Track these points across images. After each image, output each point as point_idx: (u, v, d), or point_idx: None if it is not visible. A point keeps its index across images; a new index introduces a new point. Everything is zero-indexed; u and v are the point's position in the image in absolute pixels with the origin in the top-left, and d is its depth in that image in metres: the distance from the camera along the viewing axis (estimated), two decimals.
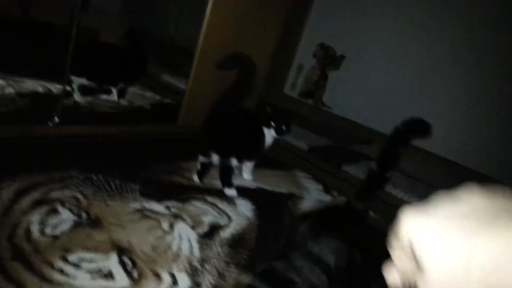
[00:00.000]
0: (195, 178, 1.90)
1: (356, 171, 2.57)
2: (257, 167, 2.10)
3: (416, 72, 3.24)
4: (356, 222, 1.33)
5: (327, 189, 2.23)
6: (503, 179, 2.80)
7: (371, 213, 2.00)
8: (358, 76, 3.53)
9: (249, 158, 2.01)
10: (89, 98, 2.64)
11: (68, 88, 2.43)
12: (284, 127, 1.89)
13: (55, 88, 2.59)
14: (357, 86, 3.54)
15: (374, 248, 1.38)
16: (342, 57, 3.62)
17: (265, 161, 2.14)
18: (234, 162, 1.86)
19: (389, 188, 2.42)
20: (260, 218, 1.72)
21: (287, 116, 1.95)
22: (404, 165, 2.87)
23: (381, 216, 2.02)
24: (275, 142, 1.99)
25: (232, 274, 1.31)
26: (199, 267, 1.31)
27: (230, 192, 1.86)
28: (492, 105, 2.93)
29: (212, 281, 1.25)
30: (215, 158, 1.84)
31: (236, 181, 2.01)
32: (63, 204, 1.44)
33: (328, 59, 3.71)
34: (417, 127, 1.47)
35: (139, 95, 3.02)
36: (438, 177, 2.86)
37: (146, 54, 2.85)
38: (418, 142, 3.16)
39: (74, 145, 1.96)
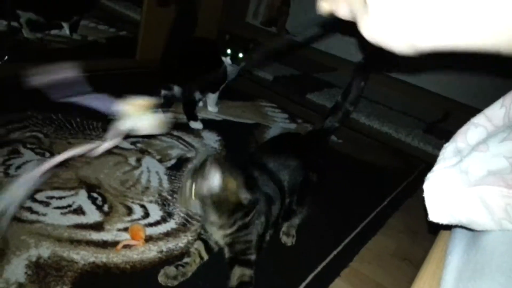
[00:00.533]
0: None
1: (320, 98, 2.62)
2: (221, 99, 2.10)
3: None
4: (317, 146, 1.39)
5: (292, 118, 2.27)
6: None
7: (334, 137, 2.07)
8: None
9: (212, 90, 2.00)
10: (39, 34, 2.47)
11: (14, 23, 2.26)
12: (241, 55, 1.83)
13: (0, 24, 2.40)
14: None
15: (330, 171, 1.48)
16: None
17: (230, 92, 2.14)
18: (197, 95, 1.84)
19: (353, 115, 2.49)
20: (226, 149, 1.75)
21: (246, 44, 1.89)
22: (367, 91, 2.94)
23: (343, 140, 2.10)
24: (239, 73, 1.97)
25: None
26: (169, 198, 1.34)
27: (196, 125, 1.87)
28: None
29: (183, 210, 1.30)
30: (176, 91, 1.82)
31: (201, 114, 2.01)
32: (24, 144, 1.41)
33: None
34: (379, 60, 1.53)
35: (92, 29, 2.85)
36: (398, 101, 2.95)
37: None
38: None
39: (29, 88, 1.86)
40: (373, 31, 0.40)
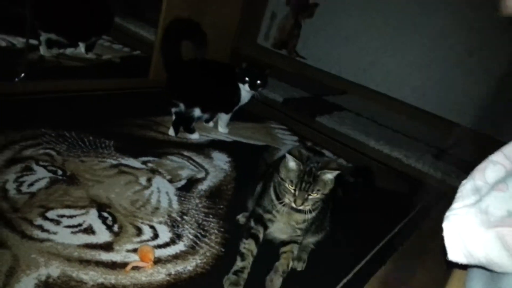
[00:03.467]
0: (171, 131, 1.90)
1: (329, 121, 2.62)
2: (232, 120, 2.12)
3: (391, 22, 3.24)
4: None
5: (301, 140, 2.27)
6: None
7: (343, 161, 2.07)
8: (332, 25, 3.50)
9: (225, 111, 2.03)
10: (55, 52, 2.53)
11: (32, 41, 2.32)
12: (258, 82, 1.90)
13: (18, 42, 2.46)
14: (331, 35, 3.51)
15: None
16: (316, 5, 3.56)
17: (240, 113, 2.15)
18: (197, 112, 1.87)
19: (363, 139, 2.50)
20: (236, 170, 1.76)
21: (263, 71, 1.95)
22: (377, 116, 2.95)
23: (353, 164, 2.10)
24: (252, 96, 2.01)
25: (211, 224, 1.36)
26: (179, 219, 1.34)
27: (193, 136, 1.93)
28: (454, 54, 2.98)
29: (192, 231, 1.30)
30: (182, 107, 1.85)
31: (211, 134, 2.03)
32: (37, 162, 1.42)
33: (301, 7, 3.64)
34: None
35: (106, 47, 2.91)
36: (408, 126, 2.95)
37: (112, 5, 2.72)
38: (381, 88, 3.22)
39: (43, 102, 1.90)
40: None
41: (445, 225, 0.65)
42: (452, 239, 0.62)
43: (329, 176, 1.07)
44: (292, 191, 1.07)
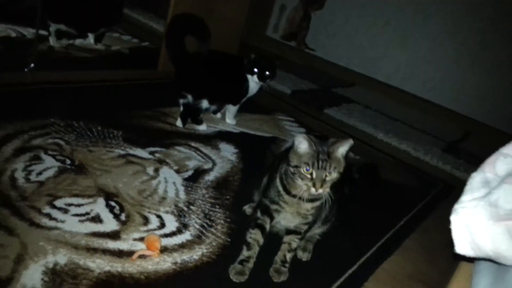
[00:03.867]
0: (178, 122, 1.90)
1: (337, 113, 2.61)
2: (240, 111, 2.11)
3: (401, 14, 3.20)
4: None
5: (309, 132, 2.26)
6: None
7: (351, 153, 2.06)
8: (342, 16, 3.46)
9: (233, 102, 2.02)
10: (64, 42, 2.54)
11: (42, 32, 2.34)
12: (267, 73, 1.89)
13: (28, 32, 2.48)
14: (341, 27, 3.48)
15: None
16: None
17: (248, 105, 2.15)
18: (204, 103, 1.87)
19: (371, 131, 2.48)
20: (243, 161, 1.76)
21: (272, 62, 1.95)
22: (386, 108, 2.93)
23: (361, 156, 2.09)
24: (260, 88, 2.00)
25: (217, 214, 1.37)
26: (185, 209, 1.35)
27: (201, 127, 1.93)
28: (466, 47, 2.94)
29: (199, 221, 1.30)
30: (190, 99, 1.85)
31: (219, 125, 2.03)
32: (46, 151, 1.44)
33: None
34: None
35: (115, 38, 2.91)
36: (418, 119, 2.92)
37: None
38: (390, 81, 3.20)
39: (52, 92, 1.91)
40: None
41: (453, 218, 0.64)
42: (460, 232, 0.62)
43: (342, 150, 1.05)
44: (309, 175, 1.04)
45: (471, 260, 0.75)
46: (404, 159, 2.25)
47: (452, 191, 2.00)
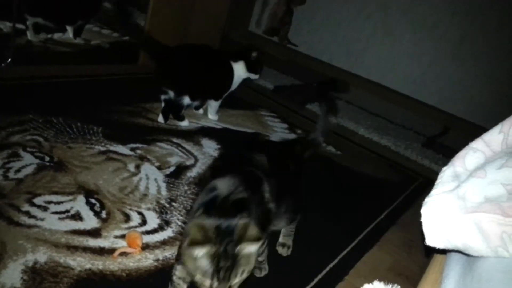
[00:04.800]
0: (160, 119, 1.89)
1: (320, 109, 2.62)
2: (222, 107, 2.11)
3: (382, 8, 3.23)
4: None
5: (291, 128, 2.28)
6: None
7: (332, 149, 2.08)
8: (324, 12, 3.48)
9: (215, 97, 2.02)
10: (42, 37, 2.49)
11: (19, 26, 2.28)
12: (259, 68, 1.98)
13: (5, 26, 2.42)
14: (323, 22, 3.50)
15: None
16: None
17: (230, 101, 2.15)
18: (186, 100, 1.86)
19: (352, 127, 2.51)
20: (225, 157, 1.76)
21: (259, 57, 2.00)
22: (367, 104, 2.96)
23: (342, 152, 2.11)
24: (242, 83, 2.02)
25: None
26: (167, 206, 1.35)
27: (183, 123, 1.93)
28: (445, 43, 2.99)
29: (181, 218, 1.30)
30: (172, 95, 1.84)
31: (201, 121, 2.03)
32: (24, 148, 1.41)
33: None
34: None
35: (95, 33, 2.86)
36: (398, 114, 2.96)
37: None
38: (372, 76, 3.24)
39: (30, 87, 1.87)
40: None
41: (423, 210, 0.66)
42: (430, 225, 0.64)
43: (252, 249, 0.81)
44: (208, 285, 0.80)
45: (443, 252, 0.77)
46: (384, 154, 2.29)
47: (431, 185, 2.04)
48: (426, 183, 2.05)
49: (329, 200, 1.68)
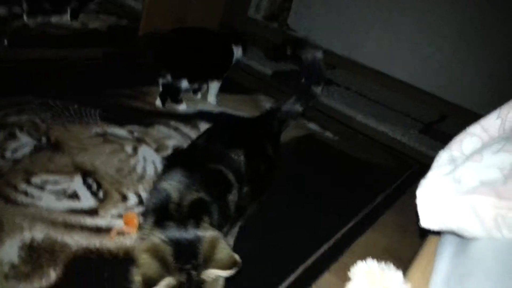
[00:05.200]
0: (158, 102, 1.89)
1: (318, 95, 2.62)
2: (220, 91, 2.11)
3: None
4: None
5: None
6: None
7: (330, 134, 2.09)
8: None
9: (217, 77, 2.02)
10: (39, 20, 2.47)
11: (15, 9, 2.26)
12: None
13: (1, 9, 2.39)
14: (323, 9, 3.47)
15: None
16: None
17: (229, 85, 2.14)
18: (184, 83, 1.86)
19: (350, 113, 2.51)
20: None
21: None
22: (365, 89, 2.96)
23: (339, 137, 2.12)
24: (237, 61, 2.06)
25: None
26: None
27: (181, 107, 1.93)
28: (445, 30, 2.98)
29: None
30: (169, 78, 1.83)
31: (199, 105, 2.02)
32: (21, 128, 1.41)
33: None
34: None
35: (93, 16, 2.84)
36: (396, 100, 2.96)
37: None
38: (371, 63, 3.23)
39: (27, 70, 1.86)
40: None
41: (418, 192, 0.67)
42: (425, 206, 0.64)
43: (223, 275, 0.70)
44: None
45: (438, 233, 0.78)
46: (382, 140, 2.29)
47: (427, 171, 2.05)
48: (422, 169, 2.05)
49: (325, 184, 1.68)
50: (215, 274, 0.66)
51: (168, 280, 0.63)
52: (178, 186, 0.78)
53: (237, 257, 0.69)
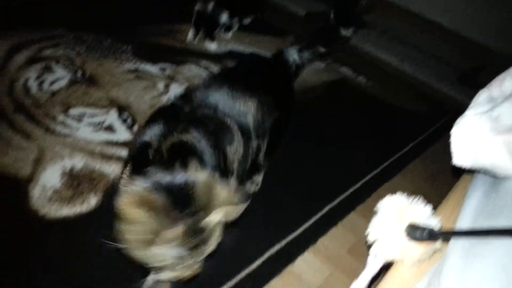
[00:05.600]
0: (190, 34, 1.85)
1: (353, 39, 2.53)
2: (250, 32, 2.06)
3: None
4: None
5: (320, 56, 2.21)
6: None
7: (363, 78, 2.03)
8: None
9: (261, 11, 2.01)
10: None
11: None
12: None
13: None
14: None
15: None
16: None
17: (261, 26, 2.09)
18: (224, 17, 1.81)
19: (385, 57, 2.42)
20: None
21: None
22: (403, 35, 2.82)
23: (373, 82, 2.06)
24: None
25: None
26: None
27: (212, 46, 1.88)
28: None
29: None
30: (210, 7, 1.79)
31: (229, 45, 1.99)
32: (57, 61, 1.44)
33: None
34: None
35: None
36: (435, 46, 2.83)
37: None
38: (410, 6, 3.06)
39: (60, 3, 1.86)
40: None
41: (454, 129, 0.65)
42: (460, 143, 0.63)
43: (216, 217, 0.61)
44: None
45: (470, 172, 0.77)
46: (417, 86, 2.22)
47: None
48: (457, 118, 2.00)
49: (356, 129, 1.67)
50: (217, 219, 0.59)
51: (178, 230, 0.56)
52: (157, 133, 0.69)
53: (238, 197, 0.61)
